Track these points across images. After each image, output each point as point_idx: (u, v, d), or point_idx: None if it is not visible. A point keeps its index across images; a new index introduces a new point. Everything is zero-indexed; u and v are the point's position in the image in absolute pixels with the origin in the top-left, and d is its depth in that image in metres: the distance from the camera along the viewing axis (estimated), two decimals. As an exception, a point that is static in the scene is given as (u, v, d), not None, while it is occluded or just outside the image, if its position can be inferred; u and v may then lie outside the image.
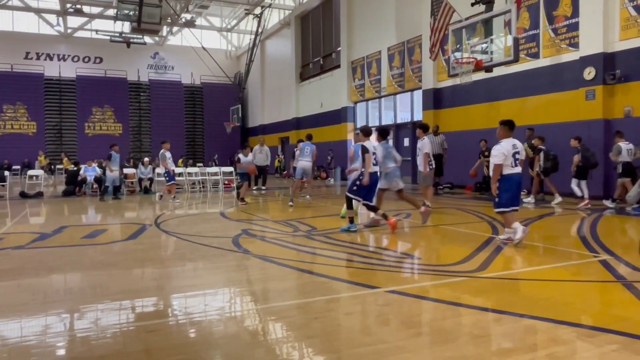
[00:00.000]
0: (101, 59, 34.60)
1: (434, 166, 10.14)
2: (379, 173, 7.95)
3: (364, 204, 7.91)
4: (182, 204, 13.04)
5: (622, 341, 3.11)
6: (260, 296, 4.49)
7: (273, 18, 30.52)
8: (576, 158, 10.56)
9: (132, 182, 17.10)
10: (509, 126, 6.65)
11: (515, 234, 6.29)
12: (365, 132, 7.97)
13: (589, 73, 11.60)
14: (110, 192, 14.54)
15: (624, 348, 3.01)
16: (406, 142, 19.34)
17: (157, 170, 18.87)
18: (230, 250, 6.32)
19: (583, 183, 10.67)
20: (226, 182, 18.15)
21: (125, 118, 34.91)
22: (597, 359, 2.90)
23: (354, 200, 7.84)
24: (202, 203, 13.81)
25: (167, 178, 13.60)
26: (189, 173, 18.37)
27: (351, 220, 7.74)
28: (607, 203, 10.31)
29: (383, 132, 8.52)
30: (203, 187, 17.91)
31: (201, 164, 29.00)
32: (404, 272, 5.32)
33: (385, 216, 7.67)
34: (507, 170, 6.39)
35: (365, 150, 7.55)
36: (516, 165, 6.43)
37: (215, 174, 18.40)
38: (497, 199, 6.52)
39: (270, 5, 26.76)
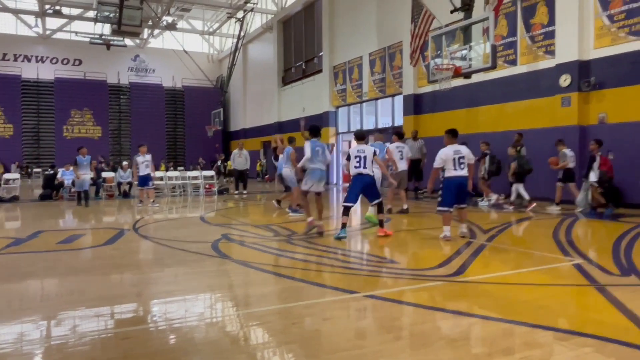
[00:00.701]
0: (80, 61, 34.14)
1: (394, 170, 10.23)
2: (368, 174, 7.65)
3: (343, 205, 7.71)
4: (162, 208, 12.91)
5: (595, 344, 3.18)
6: (238, 302, 4.47)
7: (255, 22, 30.49)
8: (513, 165, 11.32)
9: (110, 186, 16.88)
10: (452, 134, 7.43)
11: (444, 232, 7.21)
12: (356, 136, 8.05)
13: (565, 80, 11.85)
14: (84, 197, 13.42)
15: (597, 351, 3.08)
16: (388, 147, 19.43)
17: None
18: (209, 255, 6.27)
19: (521, 187, 11.32)
20: (207, 186, 18.03)
21: (105, 121, 34.47)
22: (570, 362, 2.96)
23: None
24: (182, 207, 13.69)
25: (138, 183, 13.47)
26: (169, 177, 18.18)
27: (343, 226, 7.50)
28: (552, 208, 10.79)
29: (312, 129, 8.09)
30: (184, 191, 17.76)
31: (182, 168, 28.78)
32: (382, 277, 5.35)
33: (311, 226, 7.69)
34: (448, 173, 7.22)
35: (347, 156, 7.79)
36: (459, 169, 7.20)
37: (196, 177, 18.28)
38: (440, 199, 7.37)
39: (252, 10, 26.73)
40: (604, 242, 7.09)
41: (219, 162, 30.20)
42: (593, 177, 10.03)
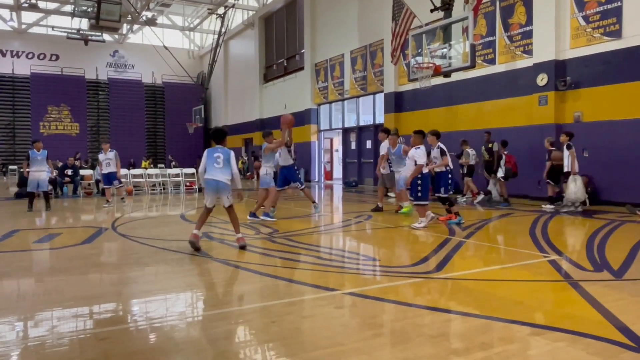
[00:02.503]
0: (57, 56, 33.46)
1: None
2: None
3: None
4: (129, 206, 12.74)
5: (568, 339, 3.25)
6: (218, 300, 4.46)
7: (237, 18, 30.29)
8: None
9: (89, 184, 16.63)
10: (423, 135, 8.36)
11: (422, 222, 8.02)
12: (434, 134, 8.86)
13: (542, 79, 12.06)
14: (44, 199, 11.54)
15: (571, 345, 3.15)
16: (369, 144, 19.57)
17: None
18: (189, 254, 6.23)
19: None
20: (188, 183, 17.89)
21: (83, 117, 33.86)
22: (546, 356, 3.03)
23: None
24: (162, 205, 13.56)
25: (104, 181, 12.63)
26: (149, 175, 17.98)
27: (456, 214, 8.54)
28: (459, 198, 12.51)
29: (213, 135, 6.75)
30: (164, 189, 17.60)
31: (162, 165, 28.49)
32: (362, 274, 5.39)
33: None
34: (424, 170, 8.13)
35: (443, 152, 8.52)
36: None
37: (177, 175, 18.12)
38: (419, 194, 8.14)
39: (233, 6, 26.56)
40: (578, 239, 7.26)
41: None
42: (500, 172, 11.82)
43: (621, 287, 4.62)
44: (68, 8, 27.40)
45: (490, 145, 12.24)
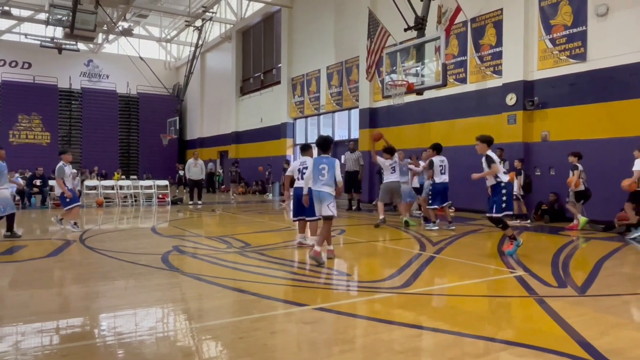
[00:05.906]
0: (30, 64, 32.86)
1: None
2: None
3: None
4: (113, 218, 12.52)
5: (533, 354, 3.32)
6: (185, 316, 4.41)
7: (214, 31, 30.28)
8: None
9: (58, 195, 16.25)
10: (436, 148, 9.85)
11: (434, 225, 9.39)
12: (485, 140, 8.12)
13: (511, 99, 12.40)
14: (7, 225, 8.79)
15: (533, 361, 3.23)
16: (343, 159, 19.65)
17: (86, 182, 18.13)
18: (158, 268, 6.16)
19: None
20: (160, 195, 17.66)
21: (55, 127, 33.18)
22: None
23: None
24: (133, 218, 13.34)
25: (69, 199, 9.80)
26: (120, 186, 17.71)
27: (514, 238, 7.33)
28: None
29: (320, 143, 6.98)
30: (135, 201, 17.33)
31: (135, 177, 28.08)
32: (332, 289, 5.41)
33: None
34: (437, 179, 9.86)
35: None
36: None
37: (149, 187, 17.88)
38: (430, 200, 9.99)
39: (211, 19, 26.56)
40: (544, 255, 7.42)
41: (181, 172, 29.68)
42: None
43: (584, 303, 4.74)
44: (42, 16, 26.99)
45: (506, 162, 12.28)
